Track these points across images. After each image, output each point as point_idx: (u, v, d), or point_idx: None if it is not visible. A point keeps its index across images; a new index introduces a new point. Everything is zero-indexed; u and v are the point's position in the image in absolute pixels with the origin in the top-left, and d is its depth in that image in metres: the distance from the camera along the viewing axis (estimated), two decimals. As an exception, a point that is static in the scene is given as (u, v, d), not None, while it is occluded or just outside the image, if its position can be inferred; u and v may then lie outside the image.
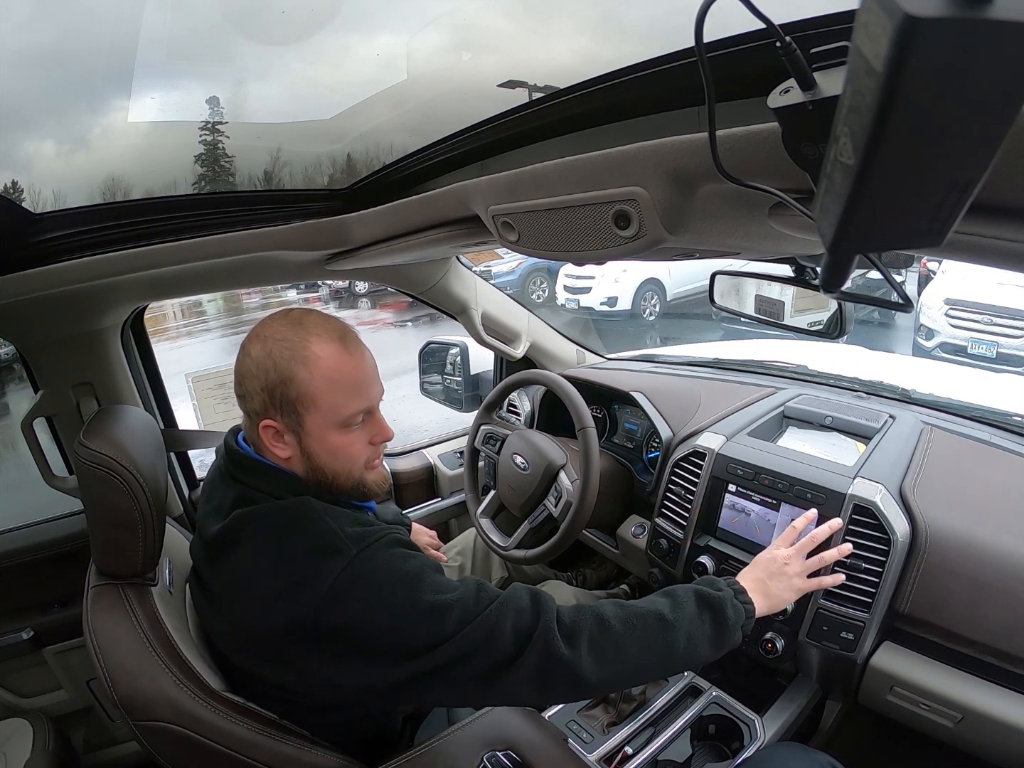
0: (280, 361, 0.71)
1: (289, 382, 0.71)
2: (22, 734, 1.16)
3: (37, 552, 1.26)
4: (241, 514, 0.72)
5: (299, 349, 0.71)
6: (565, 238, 0.67)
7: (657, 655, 0.73)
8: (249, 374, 0.72)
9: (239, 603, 0.71)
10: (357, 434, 0.76)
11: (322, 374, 0.71)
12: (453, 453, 1.70)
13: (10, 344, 1.16)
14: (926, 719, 0.87)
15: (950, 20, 0.18)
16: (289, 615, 0.66)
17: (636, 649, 0.72)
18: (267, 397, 0.72)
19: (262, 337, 0.73)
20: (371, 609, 0.65)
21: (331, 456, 0.74)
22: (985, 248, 0.41)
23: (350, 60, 0.90)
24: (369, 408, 0.76)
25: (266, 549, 0.70)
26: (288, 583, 0.67)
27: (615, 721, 0.96)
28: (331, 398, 0.72)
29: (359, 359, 0.75)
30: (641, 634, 0.72)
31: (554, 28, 0.78)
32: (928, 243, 0.25)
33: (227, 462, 0.78)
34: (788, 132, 0.38)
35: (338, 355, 0.73)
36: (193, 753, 0.70)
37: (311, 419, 0.72)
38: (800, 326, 0.90)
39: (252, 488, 0.74)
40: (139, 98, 0.86)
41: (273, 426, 0.73)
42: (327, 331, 0.73)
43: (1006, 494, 0.95)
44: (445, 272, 1.40)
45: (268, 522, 0.71)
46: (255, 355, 0.72)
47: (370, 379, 0.76)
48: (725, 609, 0.77)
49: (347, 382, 0.73)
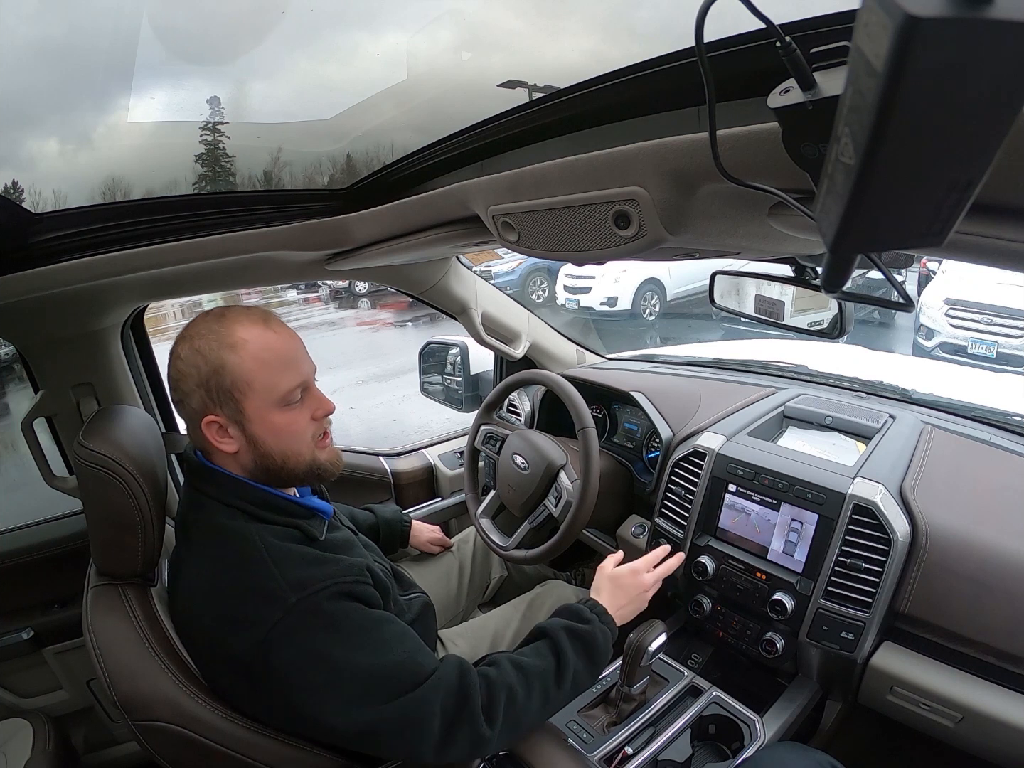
0: (209, 353, 0.72)
1: (221, 370, 0.72)
2: (22, 734, 1.16)
3: (37, 552, 1.26)
4: (189, 520, 0.76)
5: (225, 338, 0.73)
6: (565, 238, 0.67)
7: (553, 706, 0.80)
8: (182, 375, 0.74)
9: (192, 621, 0.74)
10: (298, 411, 0.77)
11: (251, 355, 0.73)
12: (453, 453, 1.70)
13: (10, 344, 1.16)
14: (926, 719, 0.87)
15: (951, 20, 0.18)
16: (232, 648, 0.68)
17: (538, 707, 0.77)
18: (203, 392, 0.73)
19: (188, 337, 0.75)
20: (306, 663, 0.66)
21: (276, 438, 0.75)
22: (985, 248, 0.41)
23: (352, 59, 0.90)
24: (304, 383, 0.77)
25: (211, 573, 0.72)
26: (228, 616, 0.68)
27: (615, 721, 0.96)
28: (264, 377, 0.73)
29: (285, 337, 0.77)
30: (540, 694, 0.77)
31: (564, 27, 0.77)
32: (929, 243, 0.25)
33: (185, 470, 0.81)
34: (788, 132, 0.38)
35: (264, 335, 0.74)
36: (193, 753, 0.70)
37: (250, 403, 0.73)
38: (800, 326, 0.90)
39: (201, 492, 0.76)
40: (140, 98, 0.86)
41: (216, 421, 0.74)
42: (249, 317, 0.75)
43: (1006, 494, 0.95)
44: (445, 272, 1.40)
45: (217, 544, 0.73)
46: (184, 355, 0.74)
47: (299, 355, 0.78)
48: (596, 639, 0.84)
49: (277, 360, 0.74)
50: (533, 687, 0.77)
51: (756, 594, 1.00)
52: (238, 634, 0.67)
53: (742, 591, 1.02)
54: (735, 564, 1.03)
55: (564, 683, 0.80)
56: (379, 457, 1.64)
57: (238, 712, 0.73)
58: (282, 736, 0.73)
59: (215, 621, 0.69)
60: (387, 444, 1.81)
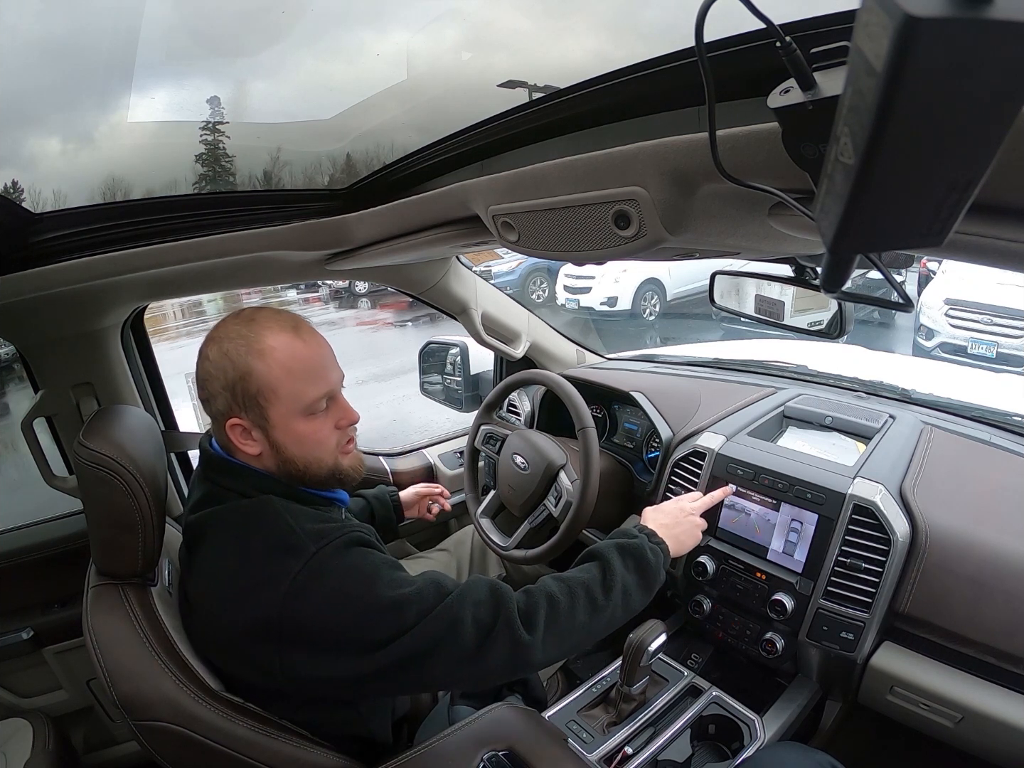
0: (237, 358, 0.72)
1: (248, 376, 0.72)
2: (22, 734, 1.16)
3: (37, 552, 1.26)
4: (205, 514, 0.74)
5: (254, 343, 0.72)
6: (565, 238, 0.67)
7: (602, 617, 0.79)
8: (209, 376, 0.74)
9: (204, 602, 0.73)
10: (322, 420, 0.77)
11: (279, 363, 0.72)
12: (453, 453, 1.70)
13: (10, 344, 1.16)
14: (926, 719, 0.87)
15: (950, 20, 0.18)
16: (251, 614, 0.67)
17: (584, 617, 0.77)
18: (229, 396, 0.73)
19: (216, 339, 0.74)
20: (331, 606, 0.67)
21: (299, 445, 0.75)
22: (985, 248, 0.41)
23: (353, 59, 0.90)
24: (331, 392, 0.77)
25: (227, 548, 0.71)
26: (249, 583, 0.68)
27: (615, 721, 0.96)
28: (291, 386, 0.73)
29: (314, 346, 0.76)
30: (586, 602, 0.77)
31: (569, 26, 0.77)
32: (929, 243, 0.25)
33: (201, 464, 0.80)
34: (788, 132, 0.38)
35: (293, 344, 0.74)
36: (193, 753, 0.70)
37: (274, 410, 0.73)
38: (800, 326, 0.90)
39: (221, 487, 0.76)
40: (140, 97, 0.86)
41: (240, 424, 0.74)
42: (279, 323, 0.75)
43: (1006, 494, 0.95)
44: (445, 272, 1.40)
45: (229, 520, 0.73)
46: (212, 357, 0.73)
47: (327, 364, 0.77)
48: (645, 554, 0.85)
49: (305, 369, 0.74)
50: (577, 595, 0.76)
51: (756, 594, 1.00)
52: (261, 595, 0.67)
53: (742, 591, 1.02)
54: (735, 564, 1.03)
55: (613, 593, 0.79)
56: (379, 457, 1.64)
57: (254, 698, 0.73)
58: (282, 736, 0.72)
59: (238, 594, 0.68)
60: (388, 444, 1.81)
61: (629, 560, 0.83)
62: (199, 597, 0.75)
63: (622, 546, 0.85)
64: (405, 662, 0.68)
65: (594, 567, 0.82)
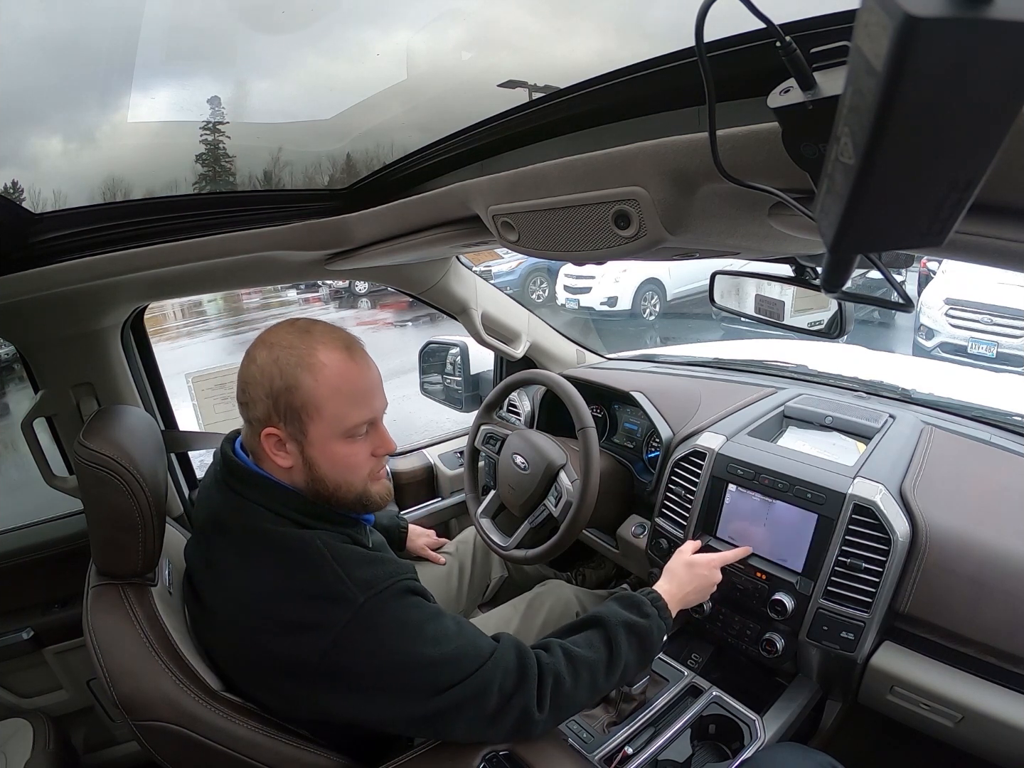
0: (286, 368, 0.71)
1: (295, 389, 0.70)
2: (22, 734, 1.16)
3: (37, 552, 1.26)
4: (247, 537, 0.72)
5: (306, 356, 0.71)
6: (565, 238, 0.67)
7: (598, 695, 0.80)
8: (253, 380, 0.72)
9: (237, 625, 0.71)
10: (360, 445, 0.75)
11: (327, 382, 0.71)
12: (453, 453, 1.70)
13: (10, 344, 1.16)
14: (926, 719, 0.87)
15: (950, 20, 0.18)
16: (290, 652, 0.67)
17: (585, 698, 0.77)
18: (271, 404, 0.71)
19: (268, 344, 0.73)
20: (372, 657, 0.67)
21: (332, 466, 0.74)
22: (985, 248, 0.41)
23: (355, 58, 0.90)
24: (373, 419, 0.76)
25: (266, 573, 0.70)
26: (292, 621, 0.67)
27: (615, 721, 0.96)
28: (335, 407, 0.72)
29: (364, 369, 0.75)
30: (589, 684, 0.77)
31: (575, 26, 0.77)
32: (929, 243, 0.25)
33: (223, 470, 0.77)
34: (788, 132, 0.38)
35: (344, 364, 0.73)
36: (193, 753, 0.70)
37: (315, 428, 0.72)
38: (800, 326, 0.90)
39: (247, 500, 0.74)
40: (141, 97, 0.86)
41: (276, 434, 0.72)
42: (334, 340, 0.74)
43: (1006, 494, 0.95)
44: (445, 272, 1.40)
45: (276, 550, 0.71)
46: (261, 361, 0.72)
47: (374, 390, 0.76)
48: (651, 635, 0.83)
49: (352, 391, 0.73)
50: (581, 677, 0.76)
51: (756, 594, 1.00)
52: (300, 638, 0.66)
53: (742, 591, 1.03)
54: (735, 564, 1.03)
55: (613, 675, 0.80)
56: (379, 457, 1.64)
57: (264, 710, 0.73)
58: (283, 736, 0.73)
59: (275, 626, 0.68)
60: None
61: (634, 639, 0.82)
62: (224, 605, 0.73)
63: (631, 626, 0.82)
64: (431, 718, 0.69)
65: (602, 647, 0.80)
